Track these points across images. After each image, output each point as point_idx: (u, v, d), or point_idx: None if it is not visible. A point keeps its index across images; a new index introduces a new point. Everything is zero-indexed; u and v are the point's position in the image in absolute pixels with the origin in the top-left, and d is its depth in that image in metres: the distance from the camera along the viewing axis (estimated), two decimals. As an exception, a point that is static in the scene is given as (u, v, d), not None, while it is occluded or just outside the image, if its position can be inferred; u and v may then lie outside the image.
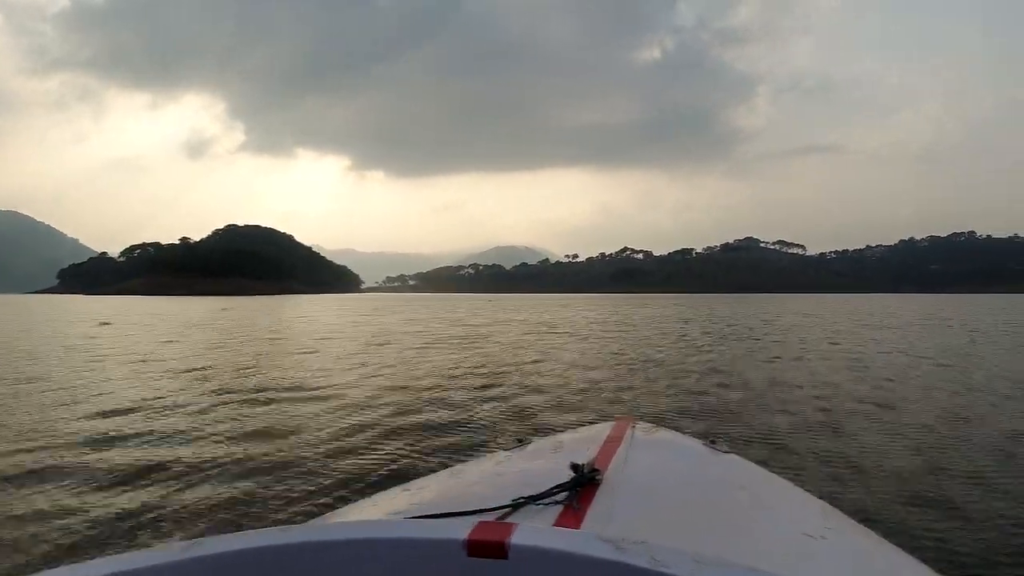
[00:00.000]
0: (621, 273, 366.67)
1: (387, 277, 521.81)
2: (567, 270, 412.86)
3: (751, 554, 1.02)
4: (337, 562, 0.83)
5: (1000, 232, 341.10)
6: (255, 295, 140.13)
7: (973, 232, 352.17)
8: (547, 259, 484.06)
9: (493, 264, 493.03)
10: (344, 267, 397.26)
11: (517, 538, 0.78)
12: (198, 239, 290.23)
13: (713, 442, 1.87)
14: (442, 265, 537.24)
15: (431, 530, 0.85)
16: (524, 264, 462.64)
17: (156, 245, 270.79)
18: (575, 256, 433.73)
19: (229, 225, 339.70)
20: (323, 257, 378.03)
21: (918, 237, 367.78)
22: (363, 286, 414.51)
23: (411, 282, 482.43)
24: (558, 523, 1.04)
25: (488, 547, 0.79)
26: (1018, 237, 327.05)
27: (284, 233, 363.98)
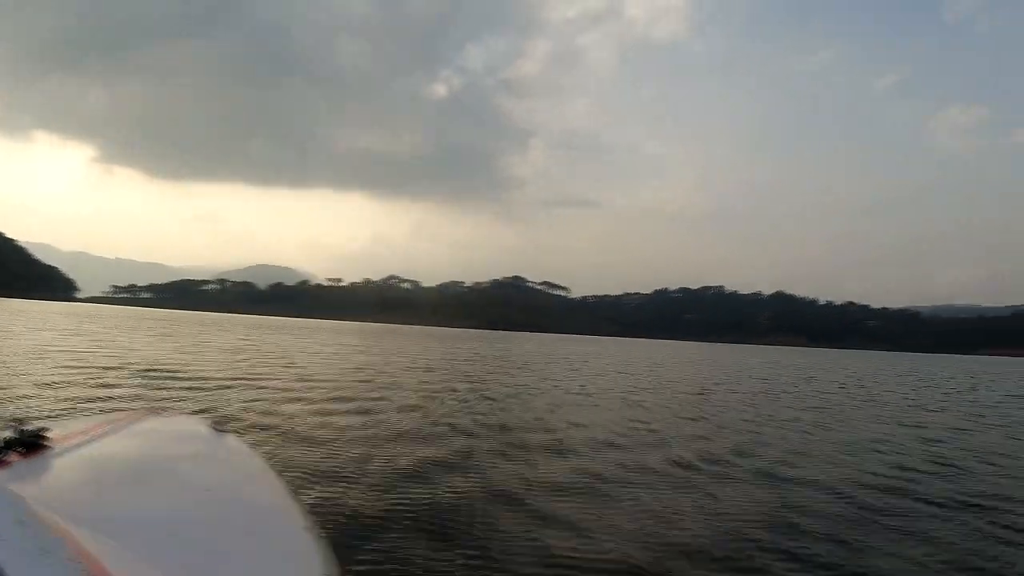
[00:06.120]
0: (385, 301, 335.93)
1: (113, 286, 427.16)
2: (328, 294, 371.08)
3: (137, 510, 1.03)
4: None
5: (744, 289, 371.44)
6: None
7: (722, 287, 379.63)
8: (307, 280, 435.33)
9: (244, 281, 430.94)
10: (52, 267, 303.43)
11: None
12: None
13: (217, 424, 1.95)
14: (193, 278, 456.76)
15: None
16: (280, 284, 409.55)
17: None
18: (338, 280, 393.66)
19: None
20: (25, 250, 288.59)
21: (671, 288, 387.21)
22: (79, 294, 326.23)
23: (144, 294, 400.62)
24: None
25: None
26: (760, 294, 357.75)
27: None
